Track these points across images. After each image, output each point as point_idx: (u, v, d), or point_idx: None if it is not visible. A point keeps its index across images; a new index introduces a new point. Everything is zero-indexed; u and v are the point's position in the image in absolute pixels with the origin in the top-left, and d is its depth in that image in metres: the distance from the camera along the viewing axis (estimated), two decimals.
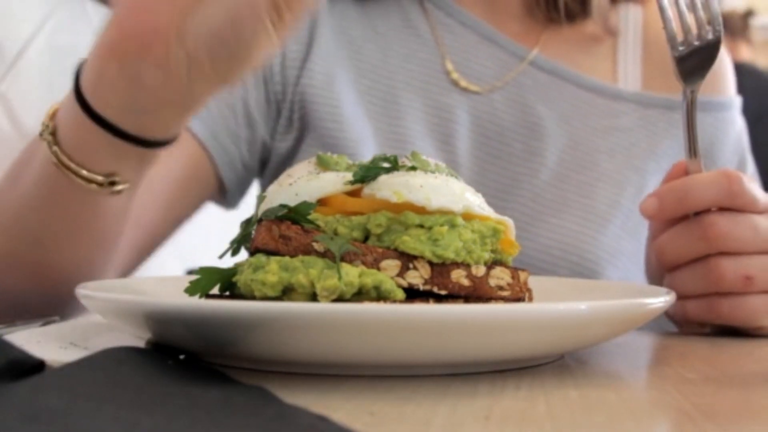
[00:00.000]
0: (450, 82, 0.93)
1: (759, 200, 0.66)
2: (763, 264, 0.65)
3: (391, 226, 0.51)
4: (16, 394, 0.33)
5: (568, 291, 0.63)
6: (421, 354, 0.45)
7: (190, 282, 0.53)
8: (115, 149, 0.61)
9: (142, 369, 0.41)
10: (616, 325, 0.50)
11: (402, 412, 0.39)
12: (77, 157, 0.62)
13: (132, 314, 0.48)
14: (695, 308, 0.67)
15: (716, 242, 0.64)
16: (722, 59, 0.99)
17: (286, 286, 0.48)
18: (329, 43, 0.93)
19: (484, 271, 0.52)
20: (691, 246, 0.66)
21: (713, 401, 0.43)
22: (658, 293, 0.54)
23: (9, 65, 0.92)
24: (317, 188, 0.54)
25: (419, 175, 0.54)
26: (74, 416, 0.31)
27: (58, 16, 1.02)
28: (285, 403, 0.36)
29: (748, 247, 0.65)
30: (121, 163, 0.62)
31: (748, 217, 0.65)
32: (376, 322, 0.42)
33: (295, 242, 0.50)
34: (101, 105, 0.59)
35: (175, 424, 0.32)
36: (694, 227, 0.66)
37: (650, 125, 0.94)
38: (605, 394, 0.44)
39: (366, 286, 0.48)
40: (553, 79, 0.95)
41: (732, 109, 0.99)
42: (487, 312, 0.44)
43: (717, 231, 0.64)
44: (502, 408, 0.40)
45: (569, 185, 0.91)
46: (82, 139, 0.61)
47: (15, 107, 0.93)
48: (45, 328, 0.59)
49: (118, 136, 0.60)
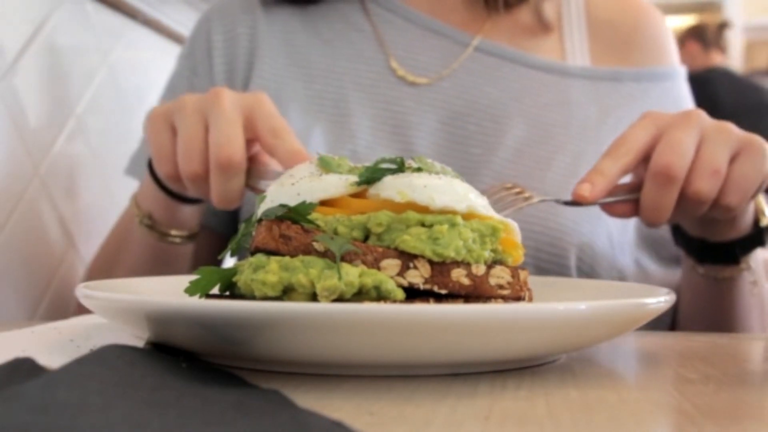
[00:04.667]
0: (397, 78, 0.95)
1: (687, 114, 0.72)
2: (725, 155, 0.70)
3: (392, 225, 0.51)
4: (27, 389, 0.33)
5: (568, 291, 0.63)
6: (421, 354, 0.45)
7: (190, 282, 0.53)
8: (191, 212, 0.87)
9: (155, 370, 0.41)
10: (616, 325, 0.50)
11: (402, 412, 0.39)
12: (168, 224, 0.86)
13: (132, 314, 0.48)
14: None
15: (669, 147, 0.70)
16: (661, 30, 1.02)
17: (286, 286, 0.48)
18: (275, 55, 0.95)
19: (484, 270, 0.52)
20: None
21: (713, 401, 0.43)
22: (658, 293, 0.54)
23: (9, 65, 0.92)
24: (320, 189, 0.54)
25: (423, 175, 0.54)
26: (84, 411, 0.31)
27: (58, 16, 1.02)
28: (299, 407, 0.36)
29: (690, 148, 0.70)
30: (193, 221, 0.88)
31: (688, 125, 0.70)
32: (376, 322, 0.42)
33: (296, 242, 0.50)
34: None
35: (186, 425, 0.32)
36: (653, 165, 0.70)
37: (600, 97, 0.97)
38: (605, 394, 0.44)
39: (366, 286, 0.48)
40: (499, 62, 0.96)
41: (677, 78, 1.01)
42: (487, 312, 0.44)
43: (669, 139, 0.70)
44: (502, 408, 0.40)
45: (527, 160, 0.92)
46: (170, 213, 0.85)
47: (15, 107, 0.93)
48: (45, 327, 0.59)
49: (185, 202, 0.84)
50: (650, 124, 0.72)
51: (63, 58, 1.04)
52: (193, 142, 0.72)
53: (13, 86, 0.92)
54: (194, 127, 0.72)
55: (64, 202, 1.02)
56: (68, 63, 1.05)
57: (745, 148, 0.71)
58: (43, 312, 0.98)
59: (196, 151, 0.72)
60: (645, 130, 0.72)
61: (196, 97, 0.74)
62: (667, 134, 0.70)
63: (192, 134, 0.72)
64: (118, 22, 1.18)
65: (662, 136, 0.71)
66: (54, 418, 0.30)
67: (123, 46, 1.18)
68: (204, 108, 0.72)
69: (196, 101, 0.73)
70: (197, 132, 0.72)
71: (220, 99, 0.72)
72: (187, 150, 0.72)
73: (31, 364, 0.41)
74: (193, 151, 0.72)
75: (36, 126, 0.97)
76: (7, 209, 0.92)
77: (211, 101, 0.72)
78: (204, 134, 0.72)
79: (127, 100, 1.19)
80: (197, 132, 0.72)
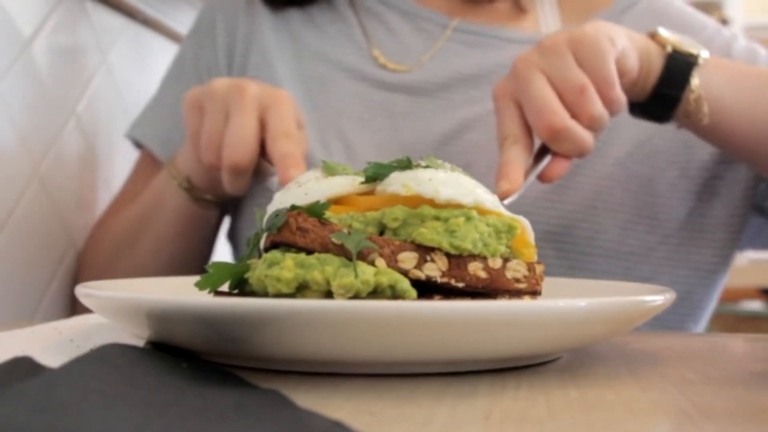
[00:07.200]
0: (379, 66, 0.98)
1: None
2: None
3: (407, 219, 0.51)
4: (27, 388, 0.33)
5: (568, 289, 0.63)
6: (421, 351, 0.45)
7: (201, 276, 0.53)
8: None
9: (155, 370, 0.41)
10: (617, 323, 0.50)
11: (402, 412, 0.39)
12: (205, 188, 0.90)
13: (132, 312, 0.48)
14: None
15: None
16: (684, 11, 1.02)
17: (300, 282, 0.48)
18: (271, 32, 1.00)
19: (500, 264, 0.52)
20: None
21: (713, 401, 0.43)
22: (658, 292, 0.54)
23: (9, 65, 0.92)
24: (328, 189, 0.54)
25: (429, 170, 0.54)
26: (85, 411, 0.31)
27: (58, 16, 1.02)
28: (299, 407, 0.36)
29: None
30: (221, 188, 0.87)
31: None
32: (375, 319, 0.42)
33: (313, 234, 0.50)
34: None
35: (186, 425, 0.32)
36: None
37: None
38: (605, 394, 0.44)
39: (382, 284, 0.48)
40: (479, 38, 0.99)
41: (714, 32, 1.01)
42: (487, 309, 0.44)
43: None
44: (502, 408, 0.40)
45: None
46: (208, 176, 0.87)
47: (15, 107, 0.93)
48: (45, 327, 0.59)
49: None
50: (505, 99, 0.74)
51: (63, 57, 1.04)
52: (213, 135, 0.78)
53: (13, 86, 0.92)
54: (215, 121, 0.78)
55: (64, 202, 1.02)
56: (68, 62, 1.05)
57: (578, 49, 0.72)
58: (43, 312, 0.98)
59: (213, 144, 0.78)
60: (508, 109, 0.74)
61: (224, 86, 0.79)
62: (521, 96, 0.72)
63: (213, 128, 0.78)
64: (118, 22, 1.18)
65: (519, 98, 0.72)
66: (54, 418, 0.30)
67: (122, 46, 1.18)
68: (228, 99, 0.78)
69: (223, 91, 0.79)
70: (217, 125, 0.78)
71: (244, 95, 0.77)
72: (205, 142, 0.79)
73: (30, 363, 0.41)
74: (211, 144, 0.78)
75: (36, 126, 0.97)
76: (7, 209, 0.92)
77: (236, 95, 0.78)
78: (223, 127, 0.78)
79: (127, 100, 1.19)
80: (217, 125, 0.78)
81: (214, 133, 0.78)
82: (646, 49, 0.77)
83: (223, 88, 0.79)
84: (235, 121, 0.76)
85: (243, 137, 0.76)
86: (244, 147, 0.76)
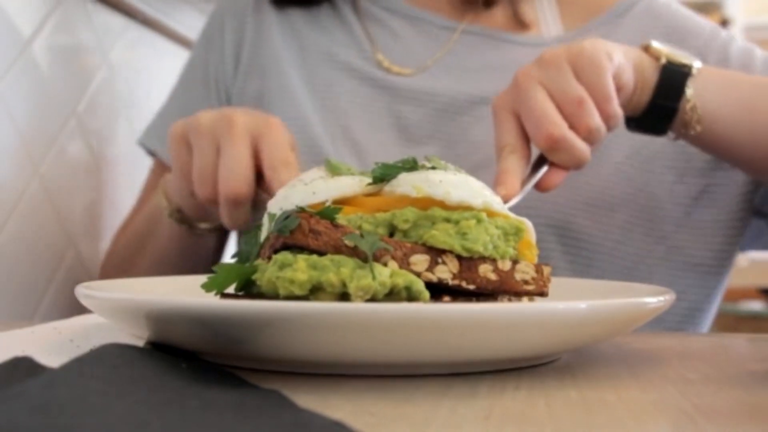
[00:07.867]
0: (383, 70, 0.98)
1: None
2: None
3: (417, 221, 0.51)
4: (27, 388, 0.33)
5: (568, 290, 0.63)
6: (421, 353, 0.45)
7: (208, 277, 0.53)
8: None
9: (155, 370, 0.41)
10: (617, 324, 0.50)
11: (402, 412, 0.39)
12: (197, 217, 0.89)
13: (131, 313, 0.48)
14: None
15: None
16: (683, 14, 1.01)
17: (314, 284, 0.47)
18: (277, 32, 1.01)
19: (510, 266, 0.52)
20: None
21: (713, 401, 0.43)
22: (658, 293, 0.54)
23: (9, 65, 0.92)
24: (336, 189, 0.54)
25: (439, 172, 0.54)
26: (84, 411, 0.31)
27: (58, 16, 1.02)
28: (300, 407, 0.36)
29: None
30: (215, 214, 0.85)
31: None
32: (376, 321, 0.42)
33: (325, 237, 0.49)
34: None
35: (186, 425, 0.32)
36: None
37: None
38: (605, 394, 0.44)
39: (398, 286, 0.48)
40: (485, 39, 1.00)
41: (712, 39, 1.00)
42: (487, 311, 0.44)
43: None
44: (502, 408, 0.40)
45: None
46: (199, 207, 0.86)
47: (15, 107, 0.93)
48: (45, 327, 0.59)
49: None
50: (504, 111, 0.74)
51: (63, 57, 1.04)
52: (206, 168, 0.76)
53: (13, 86, 0.92)
54: (206, 155, 0.76)
55: (64, 202, 1.02)
56: (68, 63, 1.05)
57: (577, 64, 0.72)
58: (43, 312, 0.98)
59: (207, 178, 0.76)
60: (507, 121, 0.74)
61: (210, 118, 0.76)
62: (521, 107, 0.72)
63: (204, 162, 0.76)
64: (118, 22, 1.18)
65: (519, 110, 0.73)
66: (54, 418, 0.30)
67: (123, 46, 1.18)
68: (216, 132, 0.75)
69: (210, 123, 0.76)
70: (209, 158, 0.75)
71: (232, 126, 0.75)
72: (199, 176, 0.76)
73: (30, 363, 0.41)
74: (205, 179, 0.76)
75: (36, 126, 0.97)
76: (7, 209, 0.92)
77: (224, 127, 0.75)
78: (216, 160, 0.75)
79: (127, 100, 1.19)
80: (209, 158, 0.75)
81: (207, 167, 0.75)
82: (641, 63, 0.78)
83: (209, 121, 0.76)
84: (227, 152, 0.74)
85: (238, 168, 0.74)
86: (240, 178, 0.73)
